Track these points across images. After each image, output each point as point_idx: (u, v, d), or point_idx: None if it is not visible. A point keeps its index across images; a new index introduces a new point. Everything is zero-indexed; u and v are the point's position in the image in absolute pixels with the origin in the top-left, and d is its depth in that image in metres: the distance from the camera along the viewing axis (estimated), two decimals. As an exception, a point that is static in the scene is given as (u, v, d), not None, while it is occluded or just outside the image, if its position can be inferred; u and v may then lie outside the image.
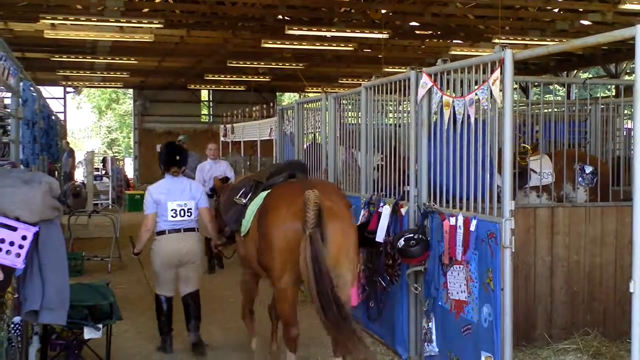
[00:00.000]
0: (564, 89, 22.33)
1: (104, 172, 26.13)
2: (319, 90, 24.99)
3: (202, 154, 13.11)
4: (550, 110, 9.76)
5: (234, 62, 21.88)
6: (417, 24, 18.32)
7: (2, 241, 3.83)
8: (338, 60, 22.87)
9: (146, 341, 7.55)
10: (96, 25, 15.90)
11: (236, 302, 7.61)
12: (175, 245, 7.02)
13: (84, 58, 21.99)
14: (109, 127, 53.90)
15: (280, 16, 17.09)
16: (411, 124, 6.77)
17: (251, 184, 6.70)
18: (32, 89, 7.79)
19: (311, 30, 16.69)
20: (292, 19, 17.17)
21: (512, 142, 5.47)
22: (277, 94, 34.66)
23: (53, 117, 13.38)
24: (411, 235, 6.29)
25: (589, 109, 9.08)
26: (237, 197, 6.66)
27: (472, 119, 5.74)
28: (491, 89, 5.43)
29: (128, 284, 10.17)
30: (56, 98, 30.90)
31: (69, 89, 32.39)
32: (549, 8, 17.01)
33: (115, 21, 15.43)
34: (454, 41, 19.90)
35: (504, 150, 5.39)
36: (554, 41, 16.78)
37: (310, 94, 28.43)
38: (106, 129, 54.27)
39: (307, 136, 10.56)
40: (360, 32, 16.91)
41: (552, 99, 8.41)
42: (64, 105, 31.96)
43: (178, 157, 7.22)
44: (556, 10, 17.34)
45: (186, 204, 7.06)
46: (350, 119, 9.28)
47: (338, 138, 9.13)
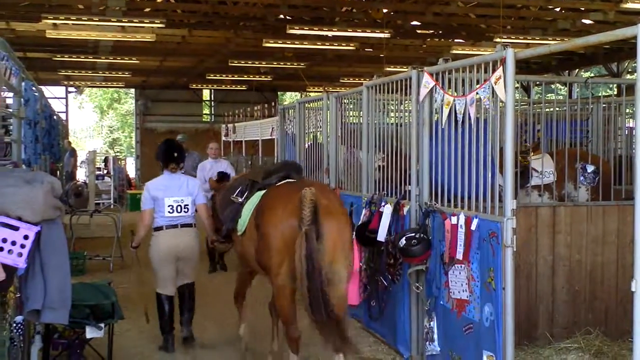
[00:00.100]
0: (565, 88, 22.33)
1: (105, 171, 26.19)
2: (321, 89, 24.97)
3: (204, 153, 13.12)
4: (551, 109, 9.78)
5: (235, 62, 21.88)
6: (418, 23, 18.31)
7: (4, 241, 3.83)
8: (339, 60, 22.86)
9: (148, 340, 7.55)
10: (98, 25, 15.91)
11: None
12: (172, 241, 7.08)
13: (85, 58, 22.00)
14: (111, 127, 53.94)
15: (281, 16, 17.09)
16: (412, 123, 6.78)
17: (247, 183, 6.79)
18: (34, 88, 7.78)
19: (313, 30, 16.69)
20: (293, 19, 17.16)
21: (514, 141, 5.47)
22: (278, 93, 34.65)
23: (55, 117, 13.38)
24: (413, 234, 6.30)
25: (591, 108, 9.08)
26: (233, 195, 6.76)
27: (473, 118, 5.74)
28: (494, 88, 5.42)
29: (130, 283, 10.17)
30: (58, 98, 30.91)
31: (70, 88, 32.43)
32: (550, 7, 16.98)
33: (117, 21, 15.44)
34: (455, 40, 19.89)
35: (505, 149, 5.39)
36: (555, 40, 16.77)
37: (312, 94, 28.43)
38: (108, 128, 54.31)
39: (309, 136, 10.56)
40: (362, 32, 16.90)
41: (554, 98, 8.43)
42: (66, 105, 32.00)
43: (176, 154, 7.29)
44: (558, 10, 17.31)
45: (183, 200, 7.12)
46: (351, 118, 9.27)
47: (339, 137, 9.14)
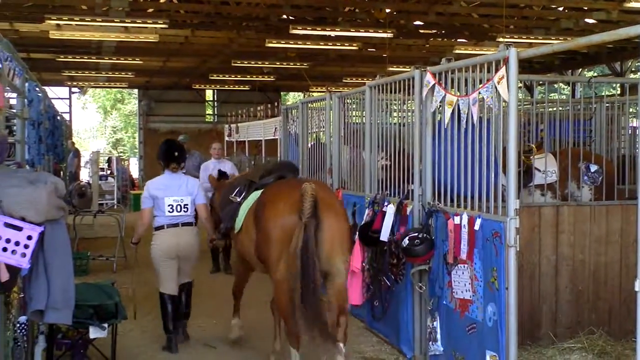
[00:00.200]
0: (568, 88, 22.29)
1: (109, 172, 26.16)
2: (323, 89, 24.96)
3: (207, 153, 13.12)
4: (555, 108, 9.77)
5: (238, 62, 21.89)
6: (421, 23, 18.30)
7: (8, 241, 3.84)
8: (342, 60, 22.86)
9: (151, 340, 7.57)
10: (101, 26, 15.94)
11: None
12: (173, 240, 7.13)
13: (89, 58, 22.03)
14: (114, 127, 53.97)
15: (284, 16, 17.10)
16: (415, 123, 6.78)
17: (245, 183, 6.95)
18: (37, 89, 7.81)
19: (315, 30, 16.69)
20: (296, 19, 17.16)
21: (517, 140, 5.46)
22: (281, 93, 34.64)
23: (58, 118, 13.42)
24: (415, 234, 6.30)
25: (594, 107, 9.06)
26: (232, 195, 6.91)
27: (476, 118, 5.74)
28: (496, 87, 5.42)
29: (132, 283, 10.17)
30: (61, 98, 30.95)
31: (74, 89, 32.47)
32: (553, 6, 16.96)
33: (120, 21, 15.47)
34: (458, 40, 19.88)
35: (508, 149, 5.39)
36: (558, 40, 16.75)
37: (315, 94, 28.45)
38: (111, 129, 54.33)
39: (312, 135, 10.57)
40: (365, 32, 16.90)
41: (557, 97, 8.43)
42: (69, 106, 32.05)
43: (177, 154, 7.36)
44: (561, 9, 17.28)
45: (182, 199, 7.17)
46: (354, 118, 9.27)
47: (342, 137, 9.14)
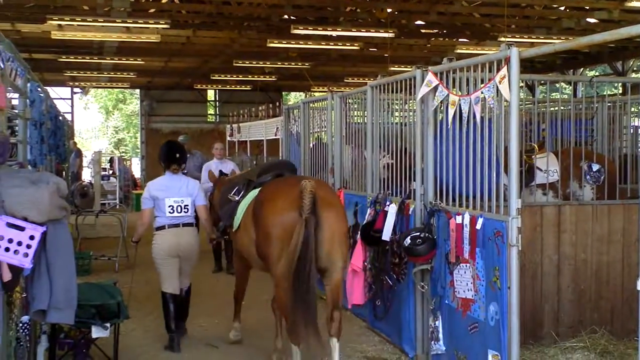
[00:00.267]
0: (570, 87, 22.26)
1: (111, 172, 26.18)
2: (325, 89, 24.99)
3: (209, 153, 13.13)
4: (556, 108, 9.76)
5: (240, 62, 21.89)
6: (422, 22, 18.29)
7: (10, 241, 3.85)
8: (344, 60, 22.85)
9: (154, 340, 7.58)
10: (103, 26, 15.94)
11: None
12: (174, 239, 7.21)
13: (90, 59, 22.04)
14: (116, 127, 54.02)
15: (286, 16, 17.09)
16: (417, 123, 6.78)
17: (244, 182, 7.07)
18: (39, 89, 7.82)
19: (317, 30, 16.69)
20: (297, 19, 17.16)
21: (519, 140, 5.46)
22: (283, 93, 34.64)
23: (60, 118, 13.44)
24: (417, 233, 6.31)
25: (596, 106, 9.06)
26: (230, 194, 7.02)
27: (478, 118, 5.74)
28: (498, 87, 5.42)
29: (135, 283, 10.18)
30: (63, 99, 30.99)
31: (76, 89, 32.48)
32: (555, 6, 16.94)
33: (122, 22, 15.47)
34: (459, 40, 19.86)
35: (510, 148, 5.39)
36: (560, 39, 16.73)
37: (316, 93, 28.44)
38: (113, 129, 54.38)
39: (313, 135, 10.57)
40: (366, 31, 16.89)
41: (559, 97, 8.42)
42: (72, 106, 32.05)
43: (178, 155, 7.42)
44: (562, 8, 17.26)
45: (183, 200, 7.24)
46: (356, 118, 9.28)
47: (344, 137, 9.14)
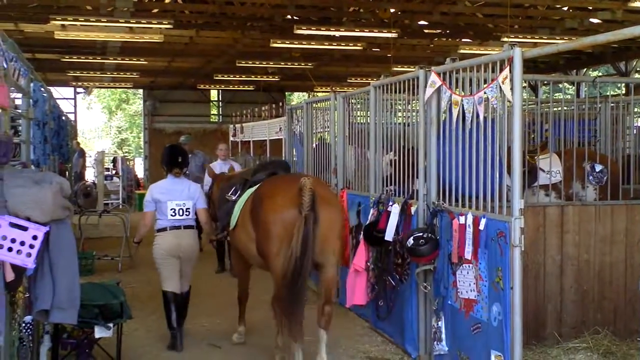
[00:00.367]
0: (573, 88, 22.24)
1: (114, 172, 26.26)
2: (328, 89, 24.97)
3: (212, 153, 13.14)
4: (559, 108, 9.75)
5: (243, 62, 21.88)
6: (425, 23, 18.27)
7: (13, 241, 3.85)
8: (347, 60, 22.83)
9: (156, 340, 7.58)
10: (106, 26, 15.95)
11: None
12: (174, 240, 7.30)
13: (94, 59, 22.04)
14: (119, 127, 54.07)
15: (289, 16, 17.09)
16: (420, 123, 6.77)
17: (241, 182, 7.26)
18: (42, 89, 7.83)
19: (320, 30, 16.68)
20: (300, 19, 17.16)
21: (522, 140, 5.46)
22: (286, 93, 34.62)
23: (63, 118, 13.45)
24: (420, 234, 6.30)
25: (599, 107, 9.05)
26: (228, 194, 7.21)
27: (481, 118, 5.74)
28: (501, 87, 5.41)
29: (138, 283, 10.22)
30: (66, 98, 30.99)
31: (79, 89, 32.49)
32: (558, 6, 16.91)
33: (125, 22, 15.46)
34: (462, 40, 19.83)
35: (513, 148, 5.38)
36: (563, 39, 16.70)
37: (319, 94, 28.43)
38: (116, 129, 54.44)
39: (316, 135, 10.57)
40: (369, 32, 16.87)
41: (562, 97, 8.41)
42: (75, 106, 32.06)
43: (180, 159, 7.53)
44: (565, 9, 17.24)
45: (184, 203, 7.35)
46: (359, 118, 9.28)
47: (347, 137, 9.14)
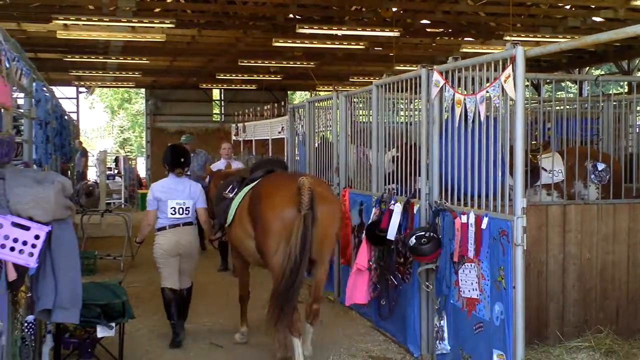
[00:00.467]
0: (576, 86, 22.23)
1: (116, 171, 26.27)
2: (330, 88, 24.93)
3: (215, 153, 13.14)
4: (562, 107, 9.75)
5: (245, 61, 21.89)
6: (428, 21, 18.27)
7: (15, 240, 3.85)
8: (349, 59, 22.83)
9: (159, 339, 7.58)
10: (108, 26, 15.96)
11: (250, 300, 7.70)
12: (174, 238, 7.37)
13: (96, 58, 22.07)
14: (122, 127, 54.13)
15: (291, 15, 17.10)
16: (422, 122, 6.77)
17: (238, 180, 7.37)
18: (44, 89, 7.83)
19: (322, 29, 16.67)
20: (303, 18, 17.16)
21: (524, 139, 5.45)
22: (288, 92, 34.62)
23: (66, 117, 13.45)
24: (422, 233, 6.30)
25: (601, 106, 9.03)
26: (225, 192, 7.32)
27: (483, 117, 5.73)
28: (503, 86, 5.41)
29: (140, 282, 10.22)
30: (69, 98, 31.04)
31: (81, 89, 32.57)
32: (560, 5, 16.91)
33: (127, 21, 15.48)
34: (465, 39, 19.83)
35: (515, 147, 5.38)
36: (565, 38, 16.68)
37: (322, 93, 28.42)
38: (118, 128, 54.50)
39: (319, 135, 10.57)
40: (371, 31, 16.86)
41: (564, 96, 8.40)
42: (77, 105, 32.13)
43: (182, 159, 7.60)
44: (568, 7, 17.23)
45: (185, 202, 7.43)
46: (361, 117, 9.28)
47: (349, 136, 9.14)
